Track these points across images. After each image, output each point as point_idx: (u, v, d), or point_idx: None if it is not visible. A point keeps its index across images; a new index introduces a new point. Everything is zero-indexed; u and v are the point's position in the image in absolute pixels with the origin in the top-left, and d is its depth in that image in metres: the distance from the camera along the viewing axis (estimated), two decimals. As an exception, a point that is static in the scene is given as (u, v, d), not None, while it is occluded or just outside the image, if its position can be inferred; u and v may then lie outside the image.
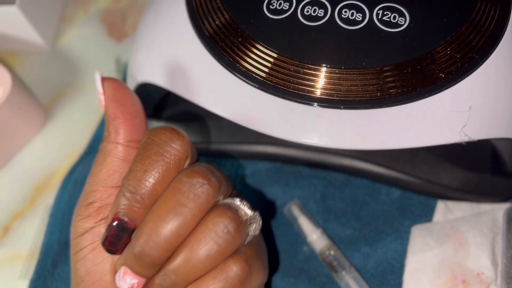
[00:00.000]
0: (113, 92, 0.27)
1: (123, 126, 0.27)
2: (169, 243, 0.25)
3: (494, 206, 0.35)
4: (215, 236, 0.25)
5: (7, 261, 0.40)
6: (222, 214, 0.25)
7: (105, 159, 0.27)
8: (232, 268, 0.26)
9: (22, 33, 0.47)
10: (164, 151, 0.25)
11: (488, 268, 0.32)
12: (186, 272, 0.25)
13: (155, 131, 0.26)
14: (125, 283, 0.25)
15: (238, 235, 0.25)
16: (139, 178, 0.25)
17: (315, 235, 0.36)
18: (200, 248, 0.25)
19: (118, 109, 0.27)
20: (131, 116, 0.27)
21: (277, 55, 0.29)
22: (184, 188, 0.25)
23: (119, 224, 0.25)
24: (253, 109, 0.29)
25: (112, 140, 0.27)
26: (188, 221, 0.25)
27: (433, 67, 0.28)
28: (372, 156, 0.37)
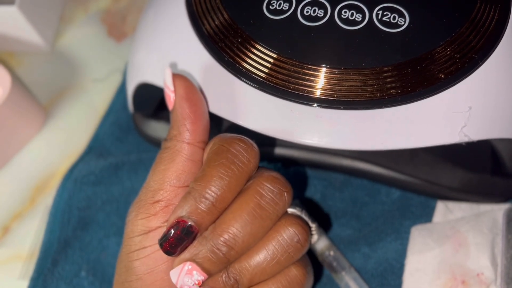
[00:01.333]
0: (186, 91, 0.27)
1: (195, 126, 0.27)
2: (245, 242, 0.25)
3: (494, 207, 0.35)
4: (287, 243, 0.26)
5: (6, 261, 0.40)
6: (294, 223, 0.26)
7: (173, 158, 0.27)
8: (295, 273, 0.27)
9: (22, 33, 0.47)
10: (238, 161, 0.26)
11: (488, 268, 0.32)
12: (253, 273, 0.26)
13: (229, 139, 0.26)
14: (191, 279, 0.25)
15: (306, 245, 0.27)
16: (211, 183, 0.25)
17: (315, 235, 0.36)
18: (271, 251, 0.26)
19: (191, 108, 0.27)
20: (201, 116, 0.28)
21: (277, 56, 0.29)
22: (265, 193, 0.26)
23: (184, 228, 0.25)
24: (253, 109, 0.29)
25: (182, 139, 0.27)
26: (266, 225, 0.26)
27: (432, 68, 0.28)
28: (372, 156, 0.37)
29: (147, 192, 0.27)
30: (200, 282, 0.26)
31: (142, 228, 0.27)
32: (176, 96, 0.27)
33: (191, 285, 0.26)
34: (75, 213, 0.39)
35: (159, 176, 0.27)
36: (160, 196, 0.27)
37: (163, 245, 0.26)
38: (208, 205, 0.25)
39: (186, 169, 0.27)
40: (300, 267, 0.28)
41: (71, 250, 0.38)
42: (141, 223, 0.27)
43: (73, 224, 0.39)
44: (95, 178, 0.40)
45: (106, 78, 0.47)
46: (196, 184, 0.26)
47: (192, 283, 0.26)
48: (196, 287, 0.26)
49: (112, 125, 0.43)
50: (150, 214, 0.27)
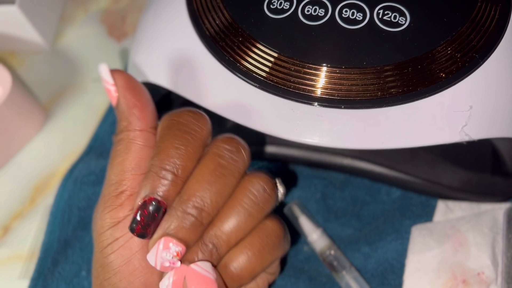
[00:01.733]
0: (126, 81, 0.27)
1: (143, 113, 0.27)
2: (214, 203, 0.25)
3: (494, 206, 0.35)
4: (255, 194, 0.26)
5: (7, 261, 0.40)
6: (258, 176, 0.26)
7: (129, 148, 0.27)
8: (270, 225, 0.27)
9: (22, 33, 0.47)
10: (190, 129, 0.26)
11: (488, 268, 0.32)
12: (229, 234, 0.26)
13: (177, 113, 0.27)
14: (169, 252, 0.25)
15: (273, 195, 0.27)
16: (169, 156, 0.25)
17: (316, 235, 0.36)
18: (244, 208, 0.26)
19: (136, 97, 0.27)
20: (146, 103, 0.27)
21: (278, 55, 0.29)
22: (223, 153, 0.26)
23: (152, 204, 0.25)
24: (254, 108, 0.29)
25: (133, 127, 0.27)
26: (230, 182, 0.26)
27: (433, 67, 0.28)
28: (373, 155, 0.37)
29: (110, 186, 0.27)
30: (178, 253, 0.25)
31: (111, 221, 0.27)
32: (118, 87, 0.27)
33: (171, 259, 0.25)
34: (75, 213, 0.39)
35: (118, 168, 0.27)
36: (124, 187, 0.27)
37: (135, 229, 0.25)
38: (170, 176, 0.25)
39: (144, 156, 0.27)
40: (274, 219, 0.27)
41: (71, 250, 0.38)
42: (109, 216, 0.27)
43: (73, 224, 0.39)
44: (95, 178, 0.40)
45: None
46: (154, 160, 0.26)
47: (171, 256, 0.25)
48: (176, 260, 0.25)
49: (112, 125, 0.43)
50: (116, 206, 0.27)
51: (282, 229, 0.28)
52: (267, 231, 0.27)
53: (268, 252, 0.27)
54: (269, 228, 0.27)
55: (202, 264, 0.25)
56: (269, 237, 0.27)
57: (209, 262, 0.26)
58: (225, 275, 0.26)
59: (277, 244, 0.27)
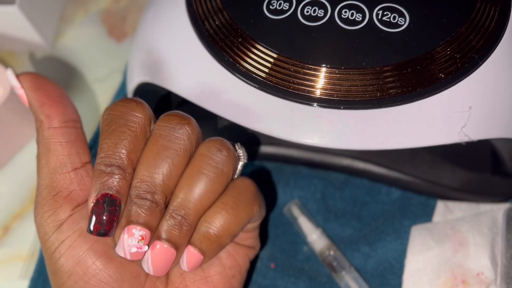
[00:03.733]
0: (33, 82, 0.27)
1: (54, 109, 0.27)
2: (167, 185, 0.25)
3: (494, 206, 0.35)
4: (212, 159, 0.26)
5: (7, 261, 0.40)
6: (211, 140, 0.26)
7: (49, 148, 0.26)
8: (240, 183, 0.27)
9: (22, 32, 0.47)
10: (127, 121, 0.26)
11: (488, 268, 0.32)
12: (196, 201, 0.26)
13: (113, 105, 0.26)
14: (134, 237, 0.25)
15: (231, 155, 0.26)
16: (112, 151, 0.25)
17: (315, 235, 0.36)
18: (204, 174, 0.26)
19: (43, 94, 0.27)
20: (58, 98, 0.27)
21: (277, 55, 0.29)
22: (164, 133, 0.26)
23: (105, 200, 0.25)
24: (253, 109, 0.29)
25: (47, 126, 0.26)
26: (177, 162, 0.25)
27: (433, 67, 0.28)
28: (372, 156, 0.37)
29: (42, 191, 0.26)
30: (143, 236, 0.25)
31: (53, 225, 0.26)
32: (25, 89, 0.27)
33: (137, 244, 0.25)
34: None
35: (44, 171, 0.26)
36: (56, 189, 0.26)
37: (94, 228, 0.25)
38: (116, 170, 0.25)
39: (67, 152, 0.26)
40: (243, 178, 0.27)
41: (71, 250, 0.38)
42: (50, 221, 0.26)
43: (73, 224, 0.39)
44: (95, 178, 0.40)
45: (106, 78, 0.47)
46: (98, 158, 0.25)
47: (136, 241, 0.25)
48: (142, 244, 0.25)
49: (112, 125, 0.43)
50: (56, 208, 0.26)
51: (253, 185, 0.28)
52: (238, 188, 0.27)
53: (243, 208, 0.27)
54: (239, 185, 0.27)
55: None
56: (241, 193, 0.27)
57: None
58: (203, 238, 0.26)
59: (251, 199, 0.27)
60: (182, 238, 0.26)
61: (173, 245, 0.25)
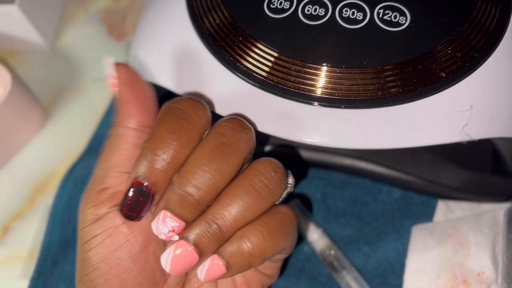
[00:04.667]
0: (128, 76, 0.27)
1: (136, 110, 0.27)
2: (214, 183, 0.24)
3: (494, 206, 0.35)
4: (266, 176, 0.25)
5: (6, 261, 0.39)
6: (269, 160, 0.26)
7: (117, 144, 0.27)
8: (285, 210, 0.26)
9: (22, 32, 0.47)
10: (186, 115, 0.25)
11: (488, 268, 0.32)
12: (236, 214, 0.25)
13: (176, 99, 0.26)
14: (165, 226, 0.24)
15: (284, 179, 0.26)
16: (162, 140, 0.24)
17: (316, 235, 0.36)
18: (253, 188, 0.25)
19: (132, 93, 0.27)
20: (144, 100, 0.27)
21: (278, 54, 0.29)
22: (225, 131, 0.25)
23: (139, 188, 0.25)
24: (254, 108, 0.29)
25: (124, 124, 0.27)
26: (232, 162, 0.25)
27: (434, 66, 0.28)
28: (373, 155, 0.37)
29: (94, 181, 0.27)
30: (174, 228, 0.24)
31: (91, 217, 0.26)
32: (119, 82, 0.27)
33: (167, 233, 0.25)
34: (75, 213, 0.39)
35: (104, 163, 0.27)
36: (106, 183, 0.26)
37: (122, 210, 0.25)
38: (159, 162, 0.24)
39: (131, 154, 0.26)
40: (288, 207, 0.27)
41: (71, 250, 0.38)
42: (89, 212, 0.26)
43: (73, 224, 0.39)
44: (95, 178, 0.40)
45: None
46: (146, 144, 0.25)
47: (167, 231, 0.24)
48: (173, 234, 0.25)
49: (112, 125, 0.43)
50: (98, 202, 0.26)
51: (296, 217, 0.27)
52: (282, 215, 0.26)
53: (282, 236, 0.26)
54: (284, 212, 0.26)
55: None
56: (284, 220, 0.26)
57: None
58: (236, 253, 0.25)
59: (290, 230, 0.26)
60: (209, 247, 0.25)
61: (199, 250, 0.25)
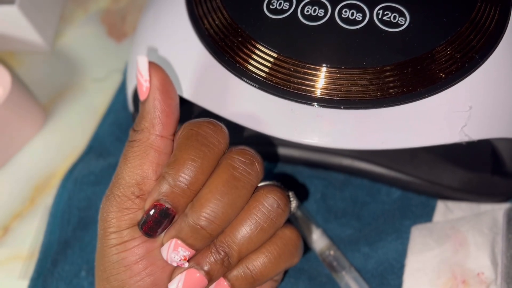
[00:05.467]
0: (162, 82, 0.27)
1: (169, 119, 0.27)
2: (225, 215, 0.26)
3: (494, 206, 0.35)
4: (268, 209, 0.27)
5: (6, 261, 0.40)
6: (272, 190, 0.27)
7: (147, 152, 0.27)
8: (289, 234, 0.28)
9: (22, 33, 0.47)
10: (208, 142, 0.26)
11: (488, 268, 0.32)
12: (240, 244, 0.27)
13: (198, 123, 0.27)
14: (177, 255, 0.26)
15: (286, 210, 0.27)
16: (183, 166, 0.26)
17: (315, 235, 0.36)
18: (254, 220, 0.27)
19: (166, 102, 0.27)
20: (175, 109, 0.27)
21: (277, 55, 0.29)
22: (237, 165, 0.26)
23: (161, 210, 0.26)
24: (253, 109, 0.29)
25: (155, 132, 0.27)
26: (243, 195, 0.26)
27: (433, 67, 0.28)
28: (372, 156, 0.37)
29: (126, 188, 0.27)
30: (186, 257, 0.26)
31: (129, 222, 0.27)
32: (151, 86, 0.27)
33: (178, 261, 0.26)
34: (75, 213, 0.39)
35: (135, 171, 0.27)
36: (142, 191, 0.27)
37: (143, 228, 0.26)
38: (182, 187, 0.26)
39: (161, 162, 0.27)
40: (292, 229, 0.28)
41: (71, 250, 0.38)
42: (128, 218, 0.27)
43: (73, 224, 0.39)
44: (95, 178, 0.40)
45: (106, 78, 0.47)
46: (169, 169, 0.26)
47: (178, 259, 0.26)
48: (184, 262, 0.26)
49: (112, 125, 0.43)
50: (137, 209, 0.27)
51: (300, 239, 0.29)
52: (285, 240, 0.28)
53: (284, 260, 0.28)
54: (287, 236, 0.28)
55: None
56: (287, 245, 0.28)
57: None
58: (241, 278, 0.28)
59: (293, 252, 0.28)
60: (219, 273, 0.27)
61: (209, 276, 0.27)
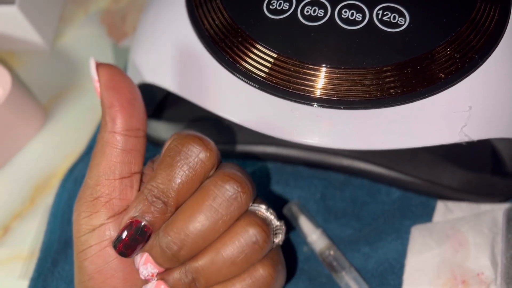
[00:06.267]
0: (109, 79, 0.26)
1: (120, 114, 0.26)
2: (195, 244, 0.25)
3: (494, 206, 0.35)
4: (243, 244, 0.25)
5: (6, 261, 0.40)
6: (253, 223, 0.25)
7: (104, 151, 0.26)
8: (260, 273, 0.26)
9: (22, 33, 0.47)
10: (191, 162, 0.25)
11: (488, 268, 0.32)
12: (209, 273, 0.26)
13: (185, 139, 0.26)
14: (146, 270, 0.26)
15: (266, 246, 0.26)
16: (165, 185, 0.25)
17: (315, 235, 0.36)
18: (226, 253, 0.25)
19: (114, 96, 0.26)
20: (128, 103, 0.26)
21: (277, 55, 0.29)
22: (218, 192, 0.25)
23: (138, 228, 0.25)
24: (253, 109, 0.29)
25: (109, 129, 0.26)
26: (218, 227, 0.25)
27: (433, 67, 0.28)
28: (372, 156, 0.37)
29: (85, 190, 0.27)
30: (153, 274, 0.26)
31: (86, 227, 0.26)
32: (100, 84, 0.26)
33: (147, 276, 0.26)
34: (75, 213, 0.39)
35: (93, 171, 0.26)
36: (98, 192, 0.26)
37: (117, 246, 0.25)
38: (161, 205, 0.25)
39: (120, 159, 0.26)
40: (267, 267, 0.26)
41: (71, 250, 0.38)
42: (84, 222, 0.26)
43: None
44: (95, 178, 0.40)
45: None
46: (148, 184, 0.25)
47: (147, 274, 0.26)
48: (151, 278, 0.26)
49: (112, 125, 0.43)
50: (92, 212, 0.26)
51: (274, 277, 0.27)
52: (256, 278, 0.26)
53: None
54: (259, 275, 0.26)
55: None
56: (256, 283, 0.26)
57: None
58: None
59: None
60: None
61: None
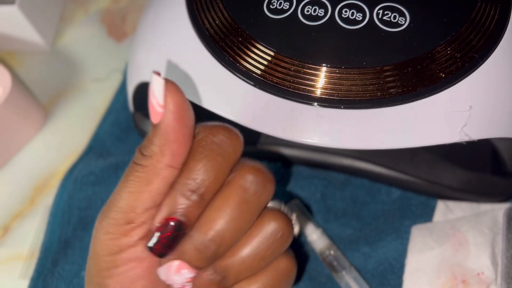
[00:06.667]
0: (178, 109, 0.24)
1: (181, 150, 0.25)
2: (233, 238, 0.25)
3: (494, 206, 0.35)
4: (271, 238, 0.26)
5: (6, 261, 0.40)
6: (278, 217, 0.26)
7: (151, 180, 0.25)
8: (284, 265, 0.27)
9: (22, 33, 0.47)
10: (224, 152, 0.25)
11: (488, 268, 0.32)
12: (239, 270, 0.26)
13: (214, 129, 0.25)
14: (181, 277, 0.25)
15: (289, 239, 0.27)
16: (198, 176, 0.24)
17: (315, 235, 0.36)
18: (256, 248, 0.26)
19: (180, 131, 0.24)
20: (190, 138, 0.25)
21: (277, 55, 0.29)
22: (248, 186, 0.25)
23: (177, 225, 0.24)
24: (253, 108, 0.29)
25: (164, 161, 0.25)
26: (251, 218, 0.25)
27: (433, 67, 0.28)
28: (372, 156, 0.37)
29: (118, 213, 0.25)
30: (191, 279, 0.25)
31: (114, 248, 0.25)
32: (167, 112, 0.24)
33: (181, 283, 0.25)
34: (75, 213, 0.39)
35: (132, 197, 0.25)
36: (133, 219, 0.25)
37: (155, 247, 0.24)
38: (196, 198, 0.24)
39: (162, 191, 0.25)
40: (289, 259, 0.28)
41: (71, 250, 0.38)
42: (112, 243, 0.25)
43: (73, 224, 0.39)
44: (95, 178, 0.40)
45: (106, 78, 0.47)
46: (182, 179, 0.25)
47: (181, 281, 0.25)
48: (187, 284, 0.25)
49: (112, 125, 0.43)
50: (122, 235, 0.25)
51: (295, 270, 0.28)
52: (280, 270, 0.27)
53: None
54: (283, 267, 0.27)
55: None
56: (281, 277, 0.27)
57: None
58: None
59: (287, 284, 0.28)
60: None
61: None
